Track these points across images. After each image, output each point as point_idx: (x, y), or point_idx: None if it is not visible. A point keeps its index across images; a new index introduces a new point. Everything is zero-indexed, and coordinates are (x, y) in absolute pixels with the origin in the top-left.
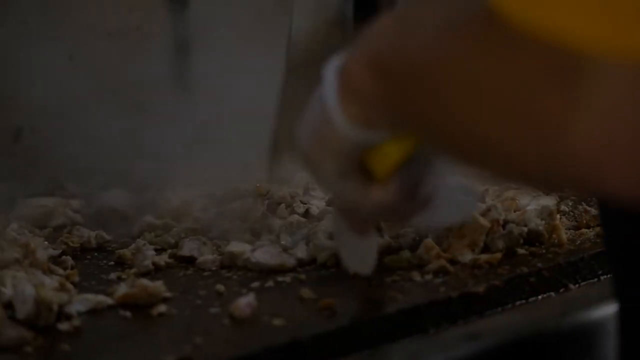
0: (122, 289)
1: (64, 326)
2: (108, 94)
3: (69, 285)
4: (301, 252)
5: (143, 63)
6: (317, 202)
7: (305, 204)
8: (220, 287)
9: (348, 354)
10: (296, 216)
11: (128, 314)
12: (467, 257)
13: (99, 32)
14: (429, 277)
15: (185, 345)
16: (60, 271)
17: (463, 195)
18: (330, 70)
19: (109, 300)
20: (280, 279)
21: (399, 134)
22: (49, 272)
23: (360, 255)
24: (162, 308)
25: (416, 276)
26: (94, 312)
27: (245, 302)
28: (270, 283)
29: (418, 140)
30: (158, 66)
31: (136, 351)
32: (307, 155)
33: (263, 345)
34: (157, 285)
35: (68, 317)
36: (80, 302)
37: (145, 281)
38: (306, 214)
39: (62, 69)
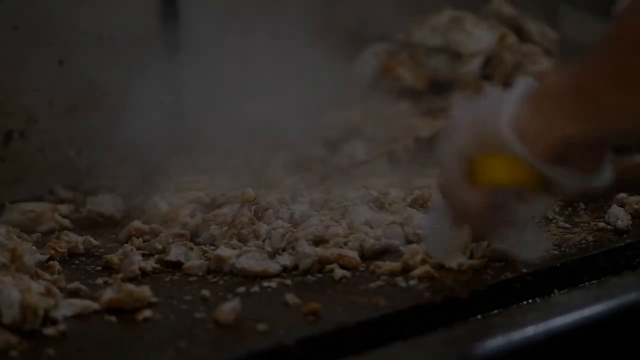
0: (108, 294)
1: (49, 331)
2: (98, 99)
3: (55, 290)
4: (284, 259)
5: (134, 68)
6: (300, 207)
7: (290, 209)
8: (206, 292)
9: (332, 359)
10: (280, 221)
11: (113, 318)
12: (454, 262)
13: (90, 38)
14: (413, 282)
15: (170, 350)
16: (47, 276)
17: (538, 236)
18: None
19: (95, 305)
20: (265, 284)
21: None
22: (36, 276)
23: (443, 243)
24: (147, 313)
25: (401, 281)
26: (79, 316)
27: (229, 307)
28: (255, 288)
29: (532, 184)
30: (148, 71)
31: (121, 355)
32: (458, 125)
33: (247, 350)
34: (143, 290)
35: (54, 322)
36: (66, 307)
37: (131, 286)
38: (291, 219)
39: (52, 74)
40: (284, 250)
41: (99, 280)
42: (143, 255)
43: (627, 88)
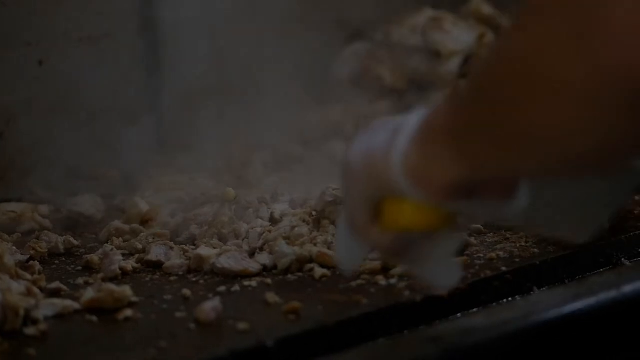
0: (88, 294)
1: (30, 331)
2: (78, 99)
3: (36, 290)
4: (264, 258)
5: (113, 69)
6: (281, 206)
7: (270, 209)
8: (186, 291)
9: (313, 358)
10: (260, 221)
11: (94, 318)
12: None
13: (69, 38)
14: (394, 281)
15: (151, 349)
16: (28, 276)
17: (450, 268)
18: (416, 115)
19: (76, 305)
20: (246, 283)
21: (435, 208)
22: (16, 277)
23: (351, 255)
24: (128, 312)
25: (381, 280)
26: (60, 316)
27: (210, 307)
28: (236, 287)
29: (441, 222)
30: (129, 71)
31: (102, 355)
32: (353, 165)
33: (228, 349)
34: (124, 290)
35: (35, 322)
36: (47, 307)
37: (111, 286)
38: (271, 218)
39: (32, 74)
40: (261, 249)
41: (80, 280)
42: (123, 255)
43: (492, 139)
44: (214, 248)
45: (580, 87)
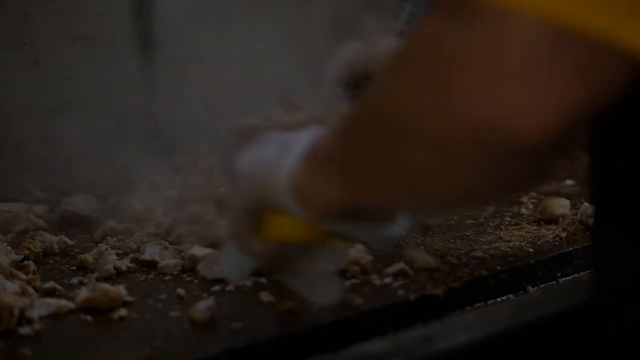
0: (83, 294)
1: (25, 330)
2: (73, 99)
3: (31, 290)
4: None
5: (109, 68)
6: None
7: None
8: (181, 291)
9: (307, 357)
10: None
11: (89, 318)
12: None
13: (64, 38)
14: (388, 280)
15: (145, 348)
16: (22, 276)
17: (329, 282)
18: (307, 136)
19: (70, 305)
20: (240, 282)
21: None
22: (11, 276)
23: (235, 265)
24: (122, 312)
25: (375, 279)
26: (55, 316)
27: (205, 306)
28: (230, 287)
29: (320, 239)
30: (124, 71)
31: (96, 355)
32: (239, 175)
33: (223, 348)
34: (118, 290)
35: (29, 321)
36: (42, 307)
37: (106, 285)
38: None
39: (27, 74)
40: None
41: (74, 280)
42: (118, 254)
43: (364, 175)
44: (208, 247)
45: (434, 138)
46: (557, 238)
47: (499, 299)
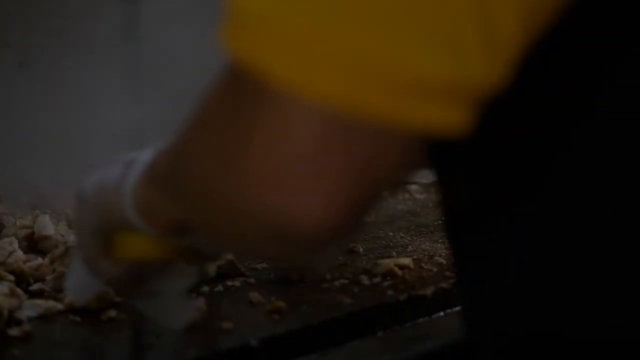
0: None
1: (14, 331)
2: (58, 101)
3: (19, 291)
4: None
5: (94, 71)
6: None
7: None
8: None
9: (297, 357)
10: None
11: (78, 318)
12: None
13: (50, 39)
14: (377, 280)
15: (134, 350)
16: (11, 277)
17: (182, 303)
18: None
19: (59, 306)
20: (229, 283)
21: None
22: None
23: (81, 285)
24: (111, 313)
25: (365, 280)
26: (44, 317)
27: (194, 306)
28: (219, 287)
29: (174, 256)
30: (109, 74)
31: (85, 356)
32: (85, 195)
33: (212, 349)
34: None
35: (18, 323)
36: (31, 308)
37: None
38: None
39: (12, 76)
40: None
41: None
42: None
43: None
44: None
45: (225, 206)
46: None
47: None
